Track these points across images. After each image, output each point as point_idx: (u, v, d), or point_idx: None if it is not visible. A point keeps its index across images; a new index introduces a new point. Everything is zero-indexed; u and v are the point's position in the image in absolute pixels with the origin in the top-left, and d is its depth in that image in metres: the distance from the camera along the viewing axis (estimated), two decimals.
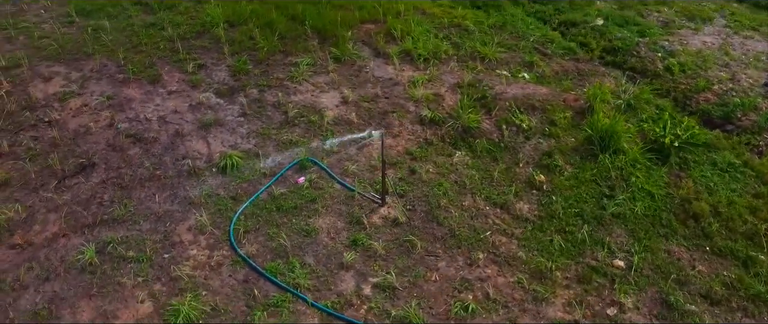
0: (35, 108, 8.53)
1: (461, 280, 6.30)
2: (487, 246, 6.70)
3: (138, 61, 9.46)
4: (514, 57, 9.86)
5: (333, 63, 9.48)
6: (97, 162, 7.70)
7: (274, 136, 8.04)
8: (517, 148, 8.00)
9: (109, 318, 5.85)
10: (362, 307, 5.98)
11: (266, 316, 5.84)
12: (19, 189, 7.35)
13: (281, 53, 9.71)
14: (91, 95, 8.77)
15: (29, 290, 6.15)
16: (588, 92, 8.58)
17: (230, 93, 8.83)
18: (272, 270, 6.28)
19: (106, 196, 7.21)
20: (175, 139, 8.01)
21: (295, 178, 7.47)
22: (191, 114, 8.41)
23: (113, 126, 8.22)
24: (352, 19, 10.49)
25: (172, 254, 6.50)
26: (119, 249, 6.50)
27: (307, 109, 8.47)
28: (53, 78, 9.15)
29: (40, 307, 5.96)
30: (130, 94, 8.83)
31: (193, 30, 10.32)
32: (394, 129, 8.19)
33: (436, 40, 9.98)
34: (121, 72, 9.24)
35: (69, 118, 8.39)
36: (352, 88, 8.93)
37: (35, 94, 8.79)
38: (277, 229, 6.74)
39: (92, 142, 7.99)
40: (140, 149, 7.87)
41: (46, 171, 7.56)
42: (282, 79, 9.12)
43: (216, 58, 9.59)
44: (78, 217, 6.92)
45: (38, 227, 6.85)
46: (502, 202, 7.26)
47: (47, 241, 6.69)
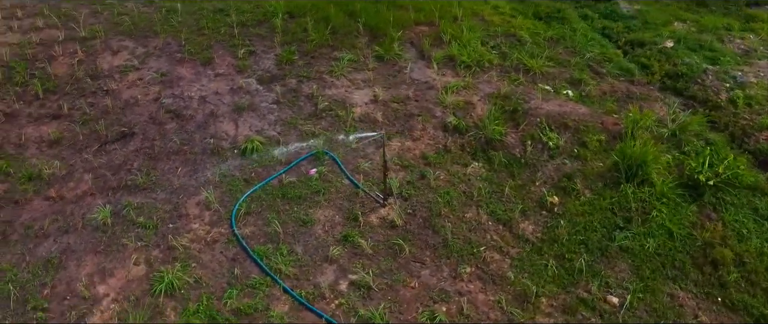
0: (98, 77, 9.34)
1: (440, 290, 6.21)
2: (477, 261, 6.55)
3: (197, 43, 10.06)
4: (563, 73, 9.48)
5: (374, 61, 9.60)
6: (137, 132, 8.31)
7: (300, 126, 8.28)
8: (538, 165, 7.72)
9: (105, 274, 6.34)
10: (334, 301, 6.06)
11: (241, 296, 6.07)
12: (67, 148, 8.10)
13: (329, 47, 9.94)
14: (148, 70, 9.46)
15: (49, 239, 6.79)
16: (627, 116, 8.08)
17: (270, 81, 9.19)
18: (260, 253, 6.51)
19: (135, 164, 7.78)
20: (209, 118, 8.47)
21: (307, 169, 7.65)
22: (229, 97, 8.85)
23: (158, 100, 8.83)
24: (406, 20, 10.54)
25: (176, 225, 6.91)
26: (132, 214, 7.00)
27: (337, 103, 8.64)
28: (121, 52, 9.95)
29: (53, 255, 6.56)
30: (182, 72, 9.43)
31: (254, 18, 10.80)
32: (416, 132, 8.17)
33: (484, 48, 9.80)
34: (180, 52, 9.88)
35: (124, 89, 9.11)
36: (386, 87, 8.99)
37: (102, 64, 9.61)
38: (276, 215, 6.97)
39: (137, 113, 8.63)
40: (176, 124, 8.40)
41: (92, 135, 8.27)
42: (322, 72, 9.35)
43: (267, 46, 9.99)
44: (107, 180, 7.52)
45: (72, 184, 7.52)
46: (507, 218, 7.05)
47: (76, 198, 7.33)
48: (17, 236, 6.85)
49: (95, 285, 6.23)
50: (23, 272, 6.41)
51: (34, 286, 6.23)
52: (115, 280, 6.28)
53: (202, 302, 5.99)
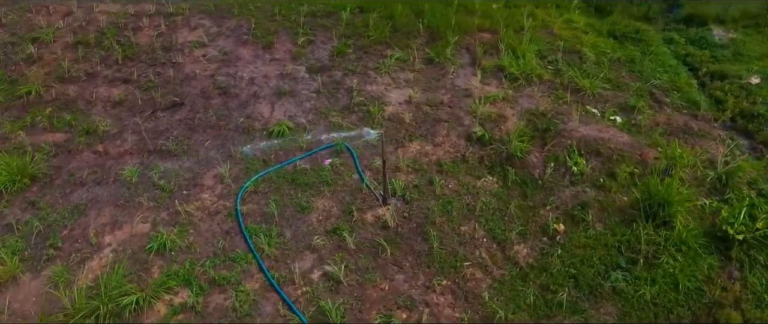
0: (170, 50, 10.17)
1: (407, 297, 6.16)
2: (456, 275, 6.41)
3: (265, 28, 10.61)
4: (618, 97, 8.86)
5: (422, 63, 9.57)
6: (186, 103, 8.98)
7: (330, 117, 8.49)
8: (555, 189, 7.33)
9: (115, 227, 6.98)
10: (301, 288, 6.23)
11: (219, 267, 6.42)
12: (126, 110, 8.94)
13: (384, 44, 10.05)
14: (213, 48, 10.15)
15: (83, 188, 7.59)
16: (666, 152, 7.43)
17: (318, 70, 9.48)
18: (251, 230, 6.83)
19: (175, 132, 8.43)
20: (251, 99, 8.94)
21: (324, 159, 7.85)
22: (275, 81, 9.27)
23: (213, 77, 9.45)
24: (469, 25, 10.38)
25: (189, 193, 7.43)
26: (155, 176, 7.62)
27: (371, 99, 8.75)
28: (197, 29, 10.74)
29: (81, 202, 7.34)
30: (243, 53, 10.01)
31: (325, 9, 11.16)
32: (438, 138, 8.07)
33: (539, 61, 9.41)
34: (247, 34, 10.47)
35: (188, 63, 9.85)
36: (425, 90, 8.95)
37: (177, 39, 10.44)
38: (279, 198, 7.25)
39: (192, 86, 9.31)
40: (220, 101, 8.97)
41: (149, 101, 9.06)
42: (369, 67, 9.49)
43: (327, 37, 10.30)
44: (146, 143, 8.22)
45: (118, 143, 8.31)
46: (502, 238, 6.80)
47: (117, 155, 8.11)
48: (61, 181, 7.71)
49: (104, 234, 6.88)
50: (54, 213, 7.21)
51: (57, 226, 7.01)
52: (120, 233, 6.89)
53: (184, 266, 6.42)
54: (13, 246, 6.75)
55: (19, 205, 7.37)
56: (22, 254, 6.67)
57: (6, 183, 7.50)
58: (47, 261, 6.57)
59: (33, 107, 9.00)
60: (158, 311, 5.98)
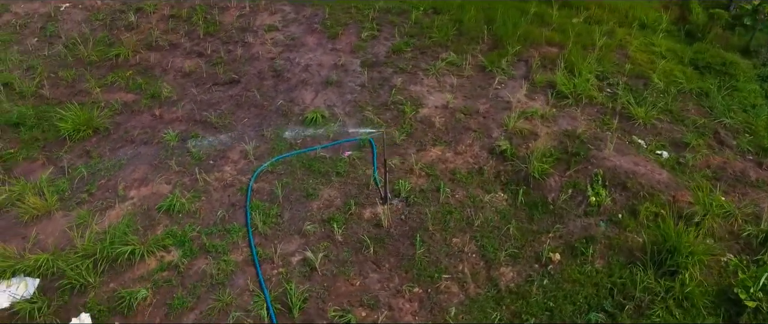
0: (246, 30, 10.86)
1: (373, 297, 6.18)
2: (431, 286, 6.31)
3: (337, 19, 10.95)
4: (674, 131, 8.11)
5: (473, 69, 9.39)
6: (242, 81, 9.56)
7: (365, 112, 8.63)
8: (564, 217, 6.92)
9: (142, 185, 7.66)
10: (278, 268, 6.47)
11: (213, 236, 6.84)
12: (191, 81, 9.72)
13: (442, 47, 9.98)
14: (283, 33, 10.68)
15: (131, 146, 8.39)
16: (699, 196, 6.72)
17: (371, 65, 9.65)
18: (254, 206, 7.18)
19: (222, 107, 9.03)
20: (299, 84, 9.32)
21: (345, 151, 8.02)
22: (327, 71, 9.58)
23: (273, 60, 9.96)
24: (537, 37, 9.99)
25: (214, 163, 7.94)
26: (191, 144, 8.23)
27: (409, 99, 8.76)
28: (276, 13, 11.35)
29: (123, 158, 8.13)
30: (308, 41, 10.44)
31: (400, 7, 11.28)
32: (461, 146, 7.92)
33: (596, 83, 8.84)
34: (319, 23, 10.88)
35: (257, 44, 10.46)
36: (466, 97, 8.79)
37: (256, 21, 11.12)
38: (290, 181, 7.54)
39: (253, 66, 9.89)
40: (272, 83, 9.44)
41: (212, 75, 9.76)
42: (419, 68, 9.49)
43: (391, 34, 10.43)
44: (195, 112, 8.89)
45: (173, 109, 9.07)
46: (491, 257, 6.57)
47: (169, 120, 8.85)
48: (116, 136, 8.58)
49: (131, 189, 7.58)
50: (100, 163, 8.06)
51: (98, 175, 7.83)
52: (144, 190, 7.56)
53: (184, 229, 6.91)
54: (58, 186, 7.64)
55: (77, 152, 8.31)
56: (62, 195, 7.54)
57: (71, 131, 8.48)
58: (78, 204, 7.37)
59: (118, 68, 10.05)
60: (148, 265, 6.51)
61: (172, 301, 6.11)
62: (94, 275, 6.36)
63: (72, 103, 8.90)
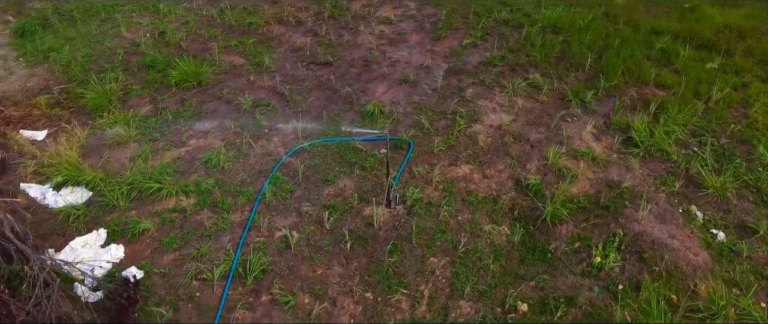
0: (363, 19, 11.39)
1: (324, 289, 6.29)
2: (383, 295, 6.22)
3: (450, 22, 10.96)
4: (746, 212, 6.73)
5: (550, 96, 8.75)
6: (333, 65, 10.11)
7: (422, 115, 8.60)
8: (557, 271, 6.28)
9: (204, 136, 8.57)
10: (261, 237, 6.85)
11: (227, 194, 7.47)
12: (295, 56, 10.51)
13: (535, 66, 9.44)
14: (394, 27, 11.00)
15: (217, 102, 9.41)
16: (714, 294, 5.61)
17: (456, 73, 9.52)
18: (274, 178, 7.67)
19: (304, 84, 9.67)
20: (378, 77, 9.58)
21: (380, 148, 8.13)
22: (410, 69, 9.67)
23: (370, 50, 10.34)
24: (646, 75, 8.93)
25: (267, 133, 8.59)
26: (259, 112, 8.99)
27: (469, 113, 8.50)
28: (398, 8, 11.70)
29: (205, 110, 9.16)
30: (410, 38, 10.62)
31: (519, 21, 10.85)
32: (490, 170, 7.52)
33: (682, 138, 7.68)
34: (431, 23, 10.98)
35: (364, 33, 10.92)
36: (526, 122, 8.26)
37: (376, 12, 11.60)
38: (318, 163, 7.88)
39: (350, 53, 10.37)
40: (358, 71, 9.83)
41: (314, 55, 10.45)
42: (498, 84, 9.12)
43: (492, 45, 10.12)
44: (279, 85, 9.64)
45: (265, 77, 9.93)
46: (459, 287, 6.23)
47: (257, 87, 9.73)
48: (210, 92, 9.66)
49: (191, 138, 8.55)
50: (186, 111, 9.17)
51: (179, 121, 8.94)
52: (200, 142, 8.48)
53: (209, 182, 7.66)
54: (145, 124, 8.92)
55: (175, 98, 9.59)
56: (144, 130, 8.78)
57: (178, 80, 9.79)
58: (149, 141, 8.55)
59: (246, 35, 11.25)
60: (165, 204, 7.38)
61: (164, 238, 6.88)
62: (124, 200, 7.40)
63: (190, 57, 10.17)
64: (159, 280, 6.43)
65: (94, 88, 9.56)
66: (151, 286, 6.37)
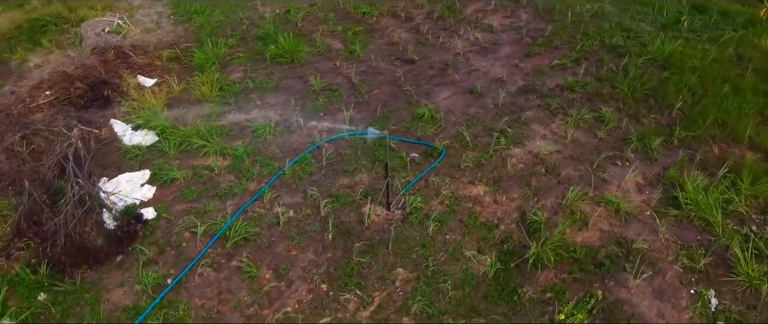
0: (468, 24, 11.20)
1: (287, 269, 6.48)
2: (337, 291, 6.24)
3: (553, 39, 10.31)
4: None
5: (610, 133, 7.89)
6: (415, 64, 10.12)
7: (471, 126, 8.30)
8: (518, 316, 5.76)
9: (267, 106, 9.14)
10: (261, 209, 7.25)
11: (257, 164, 7.94)
12: (386, 49, 10.70)
13: (614, 99, 8.55)
14: (492, 36, 10.67)
15: (293, 80, 10.00)
16: None
17: (524, 91, 9.02)
18: (302, 159, 7.98)
19: (378, 78, 9.82)
20: (448, 83, 9.42)
21: (413, 152, 8.05)
22: (483, 81, 9.34)
23: (455, 56, 10.18)
24: (741, 132, 7.64)
25: (320, 116, 8.94)
26: (323, 95, 9.37)
27: (514, 136, 8.02)
28: (508, 17, 11.28)
29: (281, 85, 9.81)
30: (501, 50, 10.23)
31: (626, 50, 9.83)
32: (504, 197, 7.04)
33: (739, 210, 6.48)
34: (530, 38, 10.46)
35: (461, 38, 10.72)
36: (568, 157, 7.57)
37: (484, 18, 11.33)
38: (348, 154, 8.02)
39: (436, 54, 10.28)
40: (432, 73, 9.74)
41: (403, 51, 10.59)
42: (563, 111, 8.45)
43: (582, 70, 9.33)
44: (356, 75, 9.90)
45: (348, 66, 10.27)
46: (408, 306, 6.04)
47: (338, 73, 10.10)
48: (298, 69, 10.24)
49: (255, 109, 9.16)
50: (267, 83, 9.89)
51: (255, 90, 9.69)
52: (261, 112, 9.03)
53: (247, 149, 8.19)
54: (230, 87, 9.77)
55: (266, 71, 10.34)
56: (223, 94, 9.64)
57: (273, 54, 10.58)
58: (223, 103, 9.41)
59: (355, 23, 11.67)
60: (203, 160, 8.06)
61: (185, 190, 7.62)
62: (174, 150, 8.29)
63: (291, 35, 10.87)
64: (163, 224, 7.15)
65: (205, 50, 10.70)
66: (155, 228, 7.11)
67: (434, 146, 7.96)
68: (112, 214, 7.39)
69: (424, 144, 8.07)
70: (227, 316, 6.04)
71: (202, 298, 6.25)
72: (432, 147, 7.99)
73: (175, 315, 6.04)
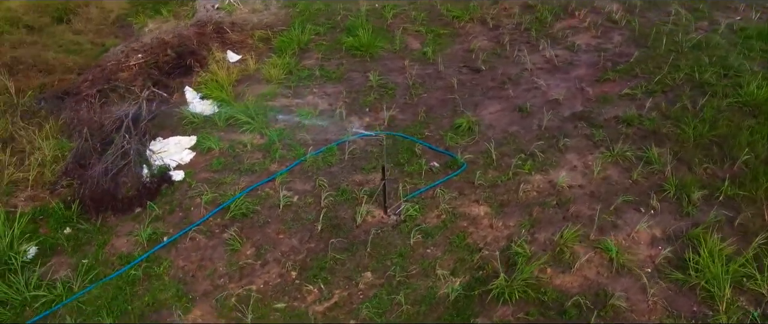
0: (553, 39, 10.61)
1: (268, 249, 6.69)
2: (303, 280, 6.34)
3: (635, 67, 9.43)
4: None
5: (646, 178, 7.10)
6: (480, 73, 9.83)
7: (504, 145, 7.96)
8: None
9: (323, 96, 9.46)
10: (271, 190, 7.57)
11: (285, 148, 8.23)
12: (460, 55, 10.52)
13: (670, 140, 7.66)
14: (571, 56, 10.02)
15: (357, 72, 10.22)
16: None
17: (577, 118, 8.41)
18: (329, 149, 8.14)
19: (437, 82, 9.71)
20: (502, 96, 9.06)
21: (434, 162, 7.89)
22: (537, 100, 8.84)
23: (528, 70, 9.71)
24: None
25: (364, 110, 9.06)
26: (376, 93, 9.46)
27: (540, 162, 7.53)
28: (597, 39, 10.52)
29: (344, 77, 10.08)
30: (574, 71, 9.57)
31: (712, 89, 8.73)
32: (501, 223, 6.68)
33: (749, 287, 5.55)
34: (613, 62, 9.68)
35: (538, 53, 10.21)
36: (587, 194, 6.95)
37: (572, 37, 10.66)
38: (373, 151, 8.01)
39: (506, 66, 9.89)
40: (493, 84, 9.41)
41: (474, 59, 10.34)
42: (605, 145, 7.75)
43: (651, 105, 8.47)
44: (417, 75, 9.88)
45: (417, 66, 10.24)
46: (360, 310, 6.00)
47: (401, 71, 10.14)
48: (366, 63, 10.37)
49: (312, 95, 9.49)
50: (332, 72, 10.18)
51: (319, 78, 10.00)
52: (314, 100, 9.33)
53: (285, 133, 8.53)
54: (298, 72, 10.08)
55: (337, 60, 10.54)
56: (289, 78, 10.06)
57: (348, 46, 10.86)
58: (284, 87, 9.83)
59: (443, 26, 11.56)
60: (241, 136, 8.46)
61: (215, 160, 8.14)
62: (223, 122, 8.89)
63: (369, 29, 11.06)
64: (183, 188, 7.74)
65: (290, 34, 11.28)
66: (175, 189, 7.71)
67: (456, 158, 7.72)
68: (149, 171, 8.11)
69: (446, 154, 7.86)
70: (198, 282, 6.41)
71: (185, 261, 6.69)
72: (454, 158, 7.74)
73: (156, 270, 6.54)
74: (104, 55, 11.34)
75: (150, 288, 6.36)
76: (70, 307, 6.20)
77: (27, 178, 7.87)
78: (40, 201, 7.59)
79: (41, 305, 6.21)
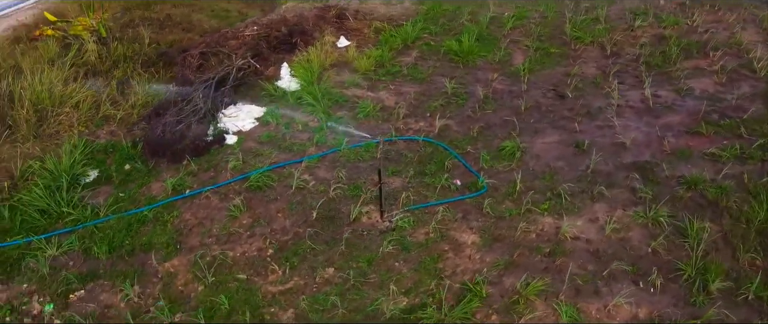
0: (669, 78, 9.44)
1: (256, 227, 6.98)
2: (274, 259, 6.64)
3: (748, 127, 8.07)
4: None
5: (669, 252, 6.06)
6: (563, 100, 9.13)
7: (537, 180, 7.38)
8: None
9: (392, 92, 9.57)
10: (295, 171, 7.90)
11: (325, 132, 8.53)
12: (551, 76, 9.89)
13: (727, 218, 6.46)
14: (680, 101, 8.83)
15: (436, 78, 10.09)
16: None
17: (634, 168, 7.43)
18: (367, 146, 8.20)
19: (514, 101, 9.18)
20: (567, 128, 8.36)
21: (457, 180, 7.58)
22: (606, 140, 8.00)
23: (609, 104, 8.80)
24: None
25: (425, 118, 8.96)
26: (445, 99, 9.27)
27: (568, 206, 6.85)
28: (721, 86, 9.10)
29: (425, 79, 10.02)
30: (673, 118, 8.42)
31: None
32: (481, 256, 6.27)
33: None
34: (723, 116, 8.36)
35: (642, 90, 9.15)
36: (586, 251, 6.18)
37: (695, 79, 9.36)
38: (408, 156, 7.92)
39: (592, 98, 9.06)
40: (564, 114, 8.71)
41: (562, 84, 9.57)
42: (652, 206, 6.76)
43: (735, 174, 7.19)
44: (497, 91, 9.48)
45: (505, 80, 9.83)
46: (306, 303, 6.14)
47: (485, 83, 9.76)
48: (461, 70, 10.28)
49: (385, 91, 9.62)
50: (417, 73, 10.19)
51: (398, 75, 10.07)
52: (385, 96, 9.46)
53: (325, 125, 8.68)
54: (387, 67, 10.15)
55: (432, 63, 10.46)
56: (376, 71, 10.24)
57: (448, 51, 10.70)
58: (367, 79, 10.00)
59: (559, 45, 10.95)
60: (303, 117, 8.87)
61: (267, 133, 8.63)
62: (292, 100, 9.41)
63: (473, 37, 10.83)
64: (228, 151, 8.39)
65: (402, 30, 11.51)
66: (221, 151, 8.39)
67: (480, 179, 7.34)
68: (213, 131, 8.94)
69: (472, 172, 7.50)
70: (191, 236, 6.98)
71: (191, 216, 7.31)
72: (479, 179, 7.37)
73: (164, 218, 7.25)
74: (238, 23, 12.53)
75: (152, 231, 7.07)
76: (90, 230, 7.12)
77: (116, 116, 9.12)
78: (117, 137, 8.76)
79: (71, 221, 7.24)
